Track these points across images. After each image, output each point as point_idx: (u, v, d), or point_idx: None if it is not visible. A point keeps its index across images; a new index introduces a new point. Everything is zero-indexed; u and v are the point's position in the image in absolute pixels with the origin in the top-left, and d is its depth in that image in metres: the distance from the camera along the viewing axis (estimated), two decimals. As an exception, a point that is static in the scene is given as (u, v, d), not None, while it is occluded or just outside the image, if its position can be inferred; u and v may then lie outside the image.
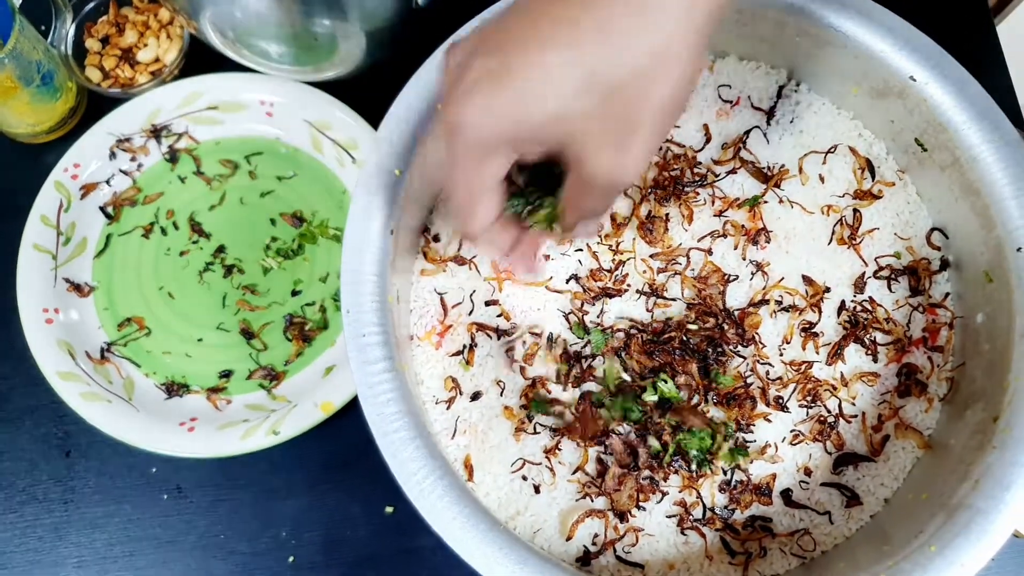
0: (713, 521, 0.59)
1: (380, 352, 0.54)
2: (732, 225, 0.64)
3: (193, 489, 0.68)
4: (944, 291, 0.64)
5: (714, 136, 0.67)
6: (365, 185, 0.57)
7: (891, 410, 0.61)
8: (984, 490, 0.52)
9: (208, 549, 0.67)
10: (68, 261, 0.72)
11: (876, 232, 0.65)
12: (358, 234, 0.56)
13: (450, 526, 0.50)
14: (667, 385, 0.59)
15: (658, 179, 0.65)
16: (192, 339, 0.71)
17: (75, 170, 0.73)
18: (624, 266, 0.63)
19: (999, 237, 0.58)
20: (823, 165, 0.66)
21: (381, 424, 0.52)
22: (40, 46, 0.71)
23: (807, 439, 0.61)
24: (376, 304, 0.55)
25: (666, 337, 0.61)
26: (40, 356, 0.67)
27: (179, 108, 0.75)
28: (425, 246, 0.64)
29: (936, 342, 0.63)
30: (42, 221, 0.71)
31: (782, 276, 0.63)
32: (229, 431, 0.66)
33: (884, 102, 0.63)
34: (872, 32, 0.61)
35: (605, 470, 0.59)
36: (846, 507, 0.60)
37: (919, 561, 0.51)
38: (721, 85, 0.68)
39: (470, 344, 0.62)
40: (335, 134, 0.73)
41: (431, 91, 0.59)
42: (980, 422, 0.57)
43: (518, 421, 0.60)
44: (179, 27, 0.77)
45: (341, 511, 0.68)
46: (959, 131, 0.59)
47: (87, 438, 0.69)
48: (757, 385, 0.61)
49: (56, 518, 0.68)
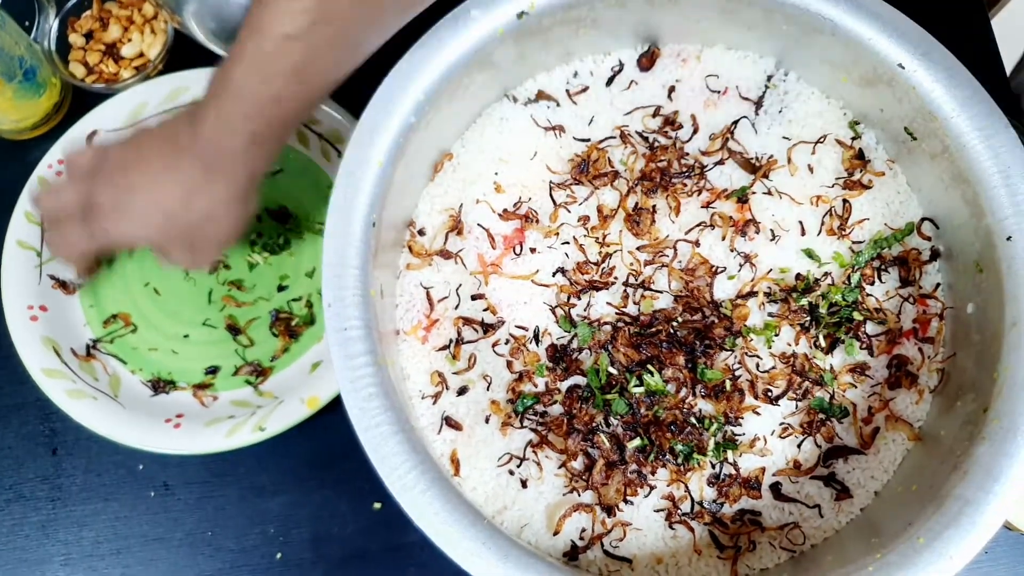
0: (701, 515, 0.58)
1: (362, 346, 0.53)
2: (720, 216, 0.63)
3: (180, 486, 0.68)
4: (935, 281, 0.63)
5: (701, 127, 0.66)
6: (346, 176, 0.56)
7: (881, 402, 0.61)
8: (974, 481, 0.52)
9: (196, 546, 0.67)
10: (52, 258, 0.71)
11: (866, 222, 0.64)
12: (339, 226, 0.55)
13: (432, 520, 0.50)
14: (654, 378, 0.58)
15: (645, 170, 0.64)
16: (178, 336, 0.70)
17: (59, 166, 0.72)
18: (611, 259, 0.63)
19: (989, 226, 0.57)
20: (812, 155, 0.65)
21: (363, 418, 0.52)
22: (23, 41, 0.70)
23: (796, 432, 0.60)
24: (358, 298, 0.54)
25: (653, 330, 0.60)
26: (25, 353, 0.67)
27: (164, 103, 0.74)
28: (410, 240, 0.64)
29: (927, 333, 0.62)
30: (26, 218, 0.70)
31: (770, 268, 0.63)
32: (215, 428, 0.65)
33: (873, 90, 0.63)
34: (860, 19, 0.60)
35: (592, 464, 0.58)
36: (836, 500, 0.59)
37: (908, 553, 0.50)
38: (708, 75, 0.67)
39: (456, 338, 0.62)
40: (319, 127, 0.73)
41: (413, 82, 0.58)
42: (970, 413, 0.56)
43: (505, 416, 0.60)
44: (163, 22, 0.77)
45: (328, 507, 0.67)
46: (949, 119, 0.59)
47: (73, 435, 0.69)
48: (746, 378, 0.60)
49: (43, 516, 0.68)
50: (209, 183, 0.55)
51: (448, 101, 0.61)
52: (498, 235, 0.64)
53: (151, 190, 0.56)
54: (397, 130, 0.57)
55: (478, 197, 0.65)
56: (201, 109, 0.54)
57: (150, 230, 0.57)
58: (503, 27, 0.60)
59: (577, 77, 0.67)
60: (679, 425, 0.58)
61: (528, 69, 0.66)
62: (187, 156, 0.55)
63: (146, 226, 0.57)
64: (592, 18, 0.63)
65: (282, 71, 0.51)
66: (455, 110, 0.63)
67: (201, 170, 0.55)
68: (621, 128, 0.66)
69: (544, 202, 0.65)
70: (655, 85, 0.67)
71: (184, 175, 0.55)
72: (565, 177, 0.65)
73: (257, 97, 0.52)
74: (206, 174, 0.55)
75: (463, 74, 0.60)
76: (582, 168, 0.64)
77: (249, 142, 0.54)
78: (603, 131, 0.66)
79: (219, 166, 0.55)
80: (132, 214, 0.57)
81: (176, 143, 0.56)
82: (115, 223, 0.57)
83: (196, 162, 0.55)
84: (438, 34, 0.59)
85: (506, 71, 0.64)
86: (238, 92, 0.52)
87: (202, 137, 0.54)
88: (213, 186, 0.55)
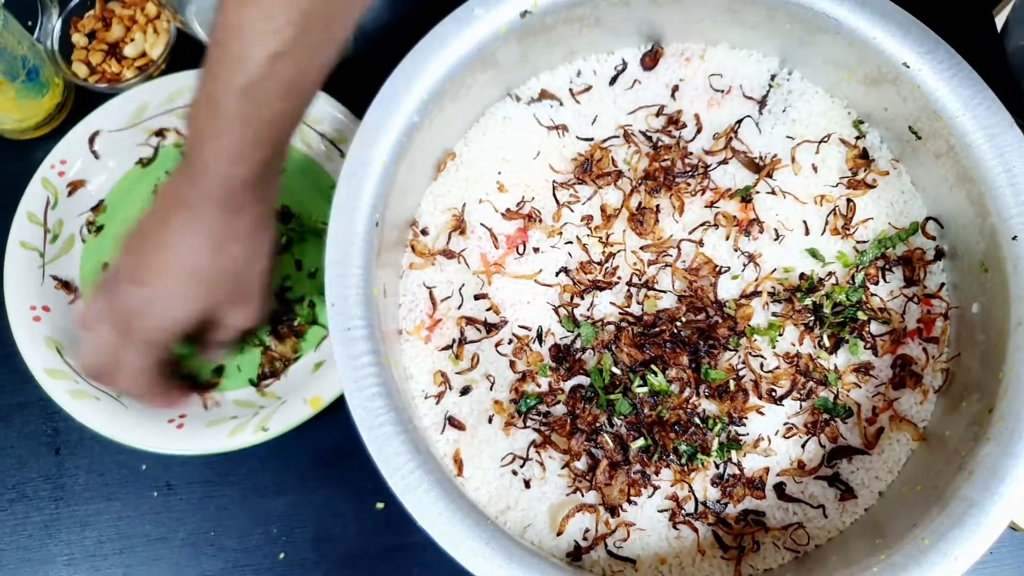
0: (705, 515, 0.58)
1: (365, 346, 0.53)
2: (724, 216, 0.63)
3: (183, 486, 0.68)
4: (939, 281, 0.63)
5: (705, 126, 0.66)
6: (349, 176, 0.56)
7: (885, 402, 0.61)
8: (979, 482, 0.51)
9: (198, 546, 0.67)
10: (55, 258, 0.71)
11: (870, 222, 0.64)
12: (342, 226, 0.55)
13: (436, 521, 0.50)
14: (657, 378, 0.58)
15: (648, 170, 0.64)
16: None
17: (62, 167, 0.72)
18: (614, 258, 0.63)
19: (994, 225, 0.57)
20: (816, 155, 0.65)
21: (366, 418, 0.52)
22: (26, 41, 0.70)
23: (800, 432, 0.60)
24: (361, 297, 0.54)
25: (657, 330, 0.60)
26: (28, 353, 0.66)
27: (167, 103, 0.74)
28: (413, 239, 0.64)
29: (931, 333, 0.62)
30: (29, 218, 0.70)
31: (774, 267, 0.63)
32: (218, 428, 0.65)
33: (878, 90, 0.63)
34: (864, 18, 0.60)
35: (596, 464, 0.58)
36: (840, 500, 0.59)
37: (913, 554, 0.50)
38: (712, 74, 0.67)
39: (459, 338, 0.61)
40: (322, 127, 0.72)
41: (416, 81, 0.58)
42: (975, 413, 0.56)
43: (508, 416, 0.60)
44: (166, 21, 0.77)
45: (331, 507, 0.67)
46: (953, 118, 0.58)
47: (76, 435, 0.69)
48: (749, 378, 0.60)
49: (46, 516, 0.68)
50: (233, 224, 0.53)
51: (451, 100, 0.61)
52: (501, 235, 0.64)
53: (176, 257, 0.53)
54: (400, 129, 0.57)
55: (481, 196, 0.64)
56: (196, 155, 0.51)
57: (192, 300, 0.53)
58: (506, 26, 0.60)
59: (580, 76, 0.67)
60: (683, 425, 0.58)
61: (531, 68, 0.66)
62: (201, 207, 0.52)
63: (186, 298, 0.53)
64: (595, 17, 0.63)
65: (278, 92, 0.49)
66: (458, 109, 0.63)
67: (221, 214, 0.52)
68: (624, 127, 0.66)
69: (547, 201, 0.65)
70: (658, 84, 0.67)
71: (204, 226, 0.52)
72: (568, 176, 0.65)
73: (260, 123, 0.50)
74: (227, 216, 0.52)
75: (466, 73, 0.60)
76: (585, 167, 0.64)
77: (262, 169, 0.52)
78: (606, 130, 0.66)
79: (237, 203, 0.52)
80: (166, 293, 0.53)
81: (183, 201, 0.53)
82: (152, 313, 0.53)
83: (212, 209, 0.52)
84: (441, 33, 0.59)
85: (509, 70, 0.64)
86: (239, 124, 0.50)
87: (210, 183, 0.51)
88: (239, 226, 0.53)
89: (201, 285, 0.53)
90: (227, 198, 0.52)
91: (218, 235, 0.53)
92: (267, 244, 0.56)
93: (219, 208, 0.52)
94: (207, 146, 0.51)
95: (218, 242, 0.53)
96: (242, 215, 0.53)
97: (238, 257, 0.54)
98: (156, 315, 0.54)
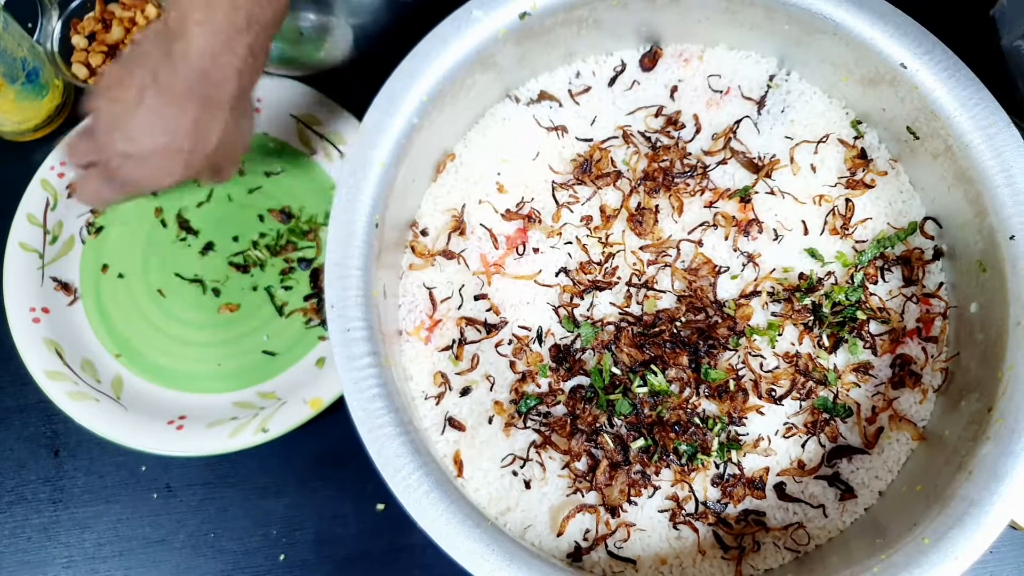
0: (706, 515, 0.58)
1: (365, 347, 0.53)
2: (723, 216, 0.63)
3: (183, 488, 0.68)
4: (938, 281, 0.63)
5: (704, 126, 0.66)
6: (349, 177, 0.56)
7: (885, 402, 0.61)
8: (979, 481, 0.51)
9: (198, 548, 0.67)
10: (55, 260, 0.71)
11: (869, 222, 0.64)
12: (342, 227, 0.55)
13: (436, 522, 0.50)
14: (657, 378, 0.58)
15: (648, 170, 0.64)
16: (181, 337, 0.70)
17: (61, 168, 0.72)
18: (614, 259, 0.63)
19: (992, 225, 0.57)
20: (815, 155, 0.65)
21: (366, 420, 0.52)
22: (25, 43, 0.71)
23: (800, 432, 0.60)
24: (361, 298, 0.54)
25: (656, 330, 0.60)
26: (27, 355, 0.67)
27: (166, 105, 0.74)
28: (413, 240, 0.64)
29: (930, 332, 0.62)
30: (28, 220, 0.70)
31: (774, 267, 0.63)
32: (218, 429, 0.65)
33: (875, 90, 0.63)
34: (862, 19, 0.60)
35: (596, 465, 0.58)
36: (840, 500, 0.59)
37: (913, 554, 0.50)
38: (711, 75, 0.67)
39: (459, 339, 0.62)
40: (322, 128, 0.73)
41: (416, 83, 0.58)
42: (975, 413, 0.56)
43: (508, 416, 0.60)
44: (165, 23, 0.77)
45: (332, 509, 0.67)
46: (951, 118, 0.59)
47: (76, 437, 0.69)
48: (749, 378, 0.60)
49: (45, 518, 0.67)
50: (215, 108, 0.54)
51: (451, 102, 0.61)
52: (501, 235, 0.64)
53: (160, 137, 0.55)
54: (400, 131, 0.57)
55: (481, 197, 0.65)
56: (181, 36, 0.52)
57: (174, 173, 0.57)
58: (505, 27, 0.60)
59: (579, 77, 0.67)
60: (683, 425, 0.58)
61: (530, 69, 0.66)
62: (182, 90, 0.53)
63: (170, 172, 0.56)
64: (594, 18, 0.63)
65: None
66: (457, 110, 0.63)
67: (201, 99, 0.54)
68: (623, 128, 0.66)
69: (547, 202, 0.65)
70: (657, 85, 0.67)
71: (186, 110, 0.54)
72: (568, 177, 0.65)
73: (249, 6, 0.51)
74: (208, 101, 0.54)
75: (465, 75, 0.60)
76: (584, 168, 0.64)
77: (247, 55, 0.53)
78: (605, 131, 0.66)
79: (219, 90, 0.54)
80: (149, 164, 0.56)
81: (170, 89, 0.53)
82: (139, 173, 0.57)
83: (194, 95, 0.53)
84: (440, 35, 0.59)
85: (508, 71, 0.64)
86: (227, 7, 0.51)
87: (194, 65, 0.52)
88: (219, 110, 0.55)
89: (180, 164, 0.56)
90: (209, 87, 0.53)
91: (198, 121, 0.55)
92: (246, 128, 0.59)
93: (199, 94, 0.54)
94: (189, 23, 0.51)
95: (199, 128, 0.55)
96: (223, 102, 0.55)
97: (218, 142, 0.56)
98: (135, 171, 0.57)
